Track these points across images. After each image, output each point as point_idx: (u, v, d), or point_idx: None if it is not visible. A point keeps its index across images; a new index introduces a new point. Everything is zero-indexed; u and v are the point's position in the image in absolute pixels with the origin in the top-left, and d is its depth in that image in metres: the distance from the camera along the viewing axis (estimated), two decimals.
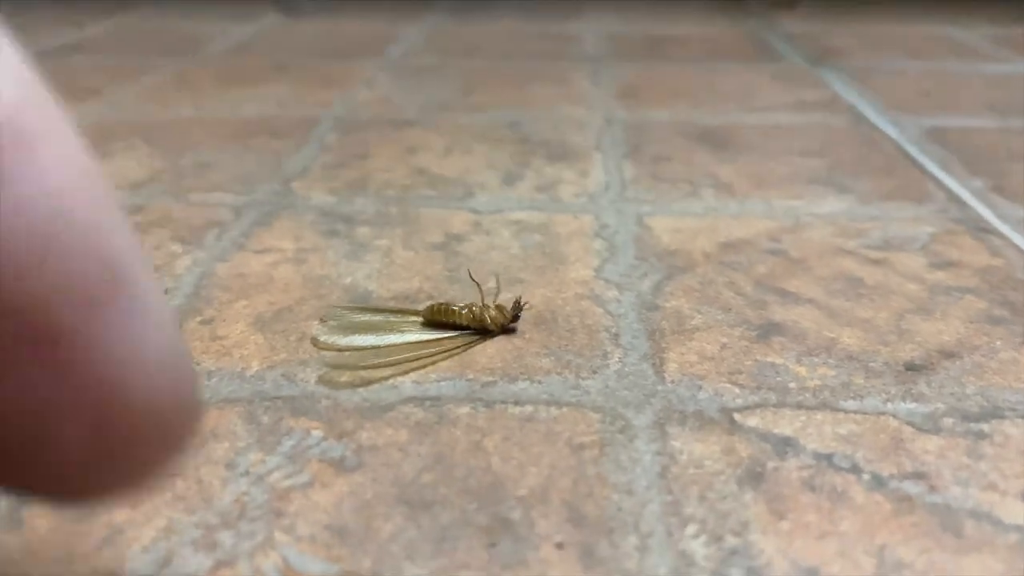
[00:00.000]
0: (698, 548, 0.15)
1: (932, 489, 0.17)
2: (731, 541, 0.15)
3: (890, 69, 0.50)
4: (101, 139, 0.38)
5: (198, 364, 0.21)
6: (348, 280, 0.25)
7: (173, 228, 0.28)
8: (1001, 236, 0.28)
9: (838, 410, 0.19)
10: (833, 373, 0.21)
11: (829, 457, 0.18)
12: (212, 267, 0.26)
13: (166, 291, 0.24)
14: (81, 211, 0.08)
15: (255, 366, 0.21)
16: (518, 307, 0.22)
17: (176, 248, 0.27)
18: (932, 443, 0.18)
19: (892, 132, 0.38)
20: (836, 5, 0.71)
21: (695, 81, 0.48)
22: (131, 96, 0.45)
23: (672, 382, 0.20)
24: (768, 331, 0.22)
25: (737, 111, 0.42)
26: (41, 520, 0.16)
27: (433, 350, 0.21)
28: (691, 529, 0.16)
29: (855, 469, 0.17)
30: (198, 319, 0.23)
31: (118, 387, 0.09)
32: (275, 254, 0.27)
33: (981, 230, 0.28)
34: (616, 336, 0.22)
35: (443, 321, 0.22)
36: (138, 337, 0.09)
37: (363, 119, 0.40)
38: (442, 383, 0.20)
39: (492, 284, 0.24)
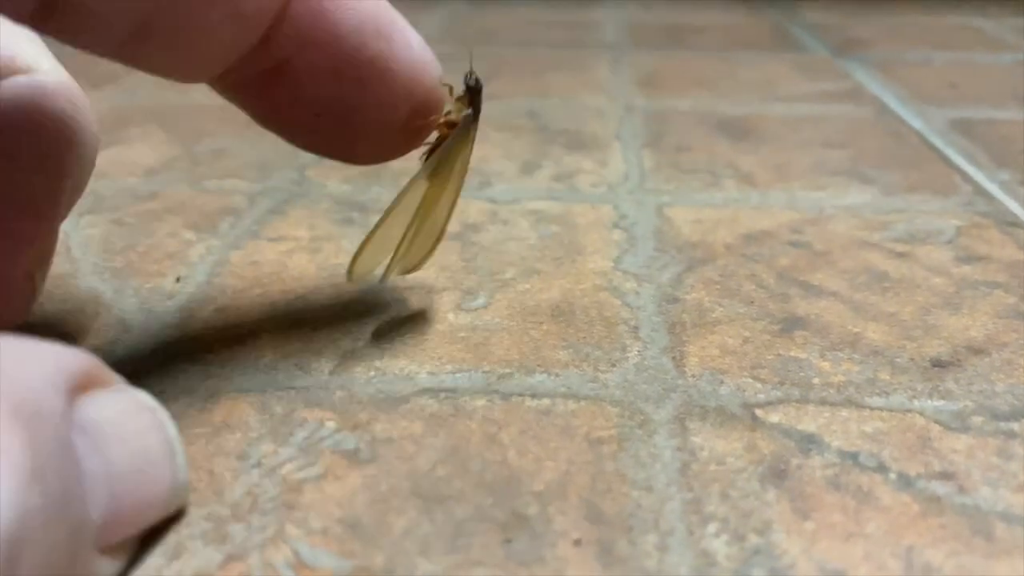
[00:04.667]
0: (720, 547, 0.15)
1: (961, 490, 0.16)
2: (754, 540, 0.15)
3: (915, 60, 0.49)
4: (117, 125, 0.38)
5: (212, 352, 0.21)
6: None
7: (187, 215, 0.28)
8: None
9: (863, 407, 0.19)
10: (858, 369, 0.20)
11: (854, 455, 0.17)
12: (226, 255, 0.25)
13: (179, 279, 0.24)
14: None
15: (269, 356, 0.21)
16: (473, 85, 0.21)
17: (190, 236, 0.27)
18: (960, 442, 0.18)
19: (917, 124, 0.38)
20: None
21: (716, 70, 0.47)
22: (148, 82, 0.44)
23: (693, 376, 0.20)
24: (791, 325, 0.22)
25: (759, 101, 0.41)
26: None
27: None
28: (712, 527, 0.15)
29: (881, 468, 0.17)
30: (212, 307, 0.23)
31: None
32: (289, 242, 0.26)
33: (1009, 224, 0.28)
34: (635, 329, 0.22)
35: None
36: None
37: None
38: (458, 375, 0.20)
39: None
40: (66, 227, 0.27)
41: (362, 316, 0.22)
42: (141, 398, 0.15)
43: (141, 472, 0.14)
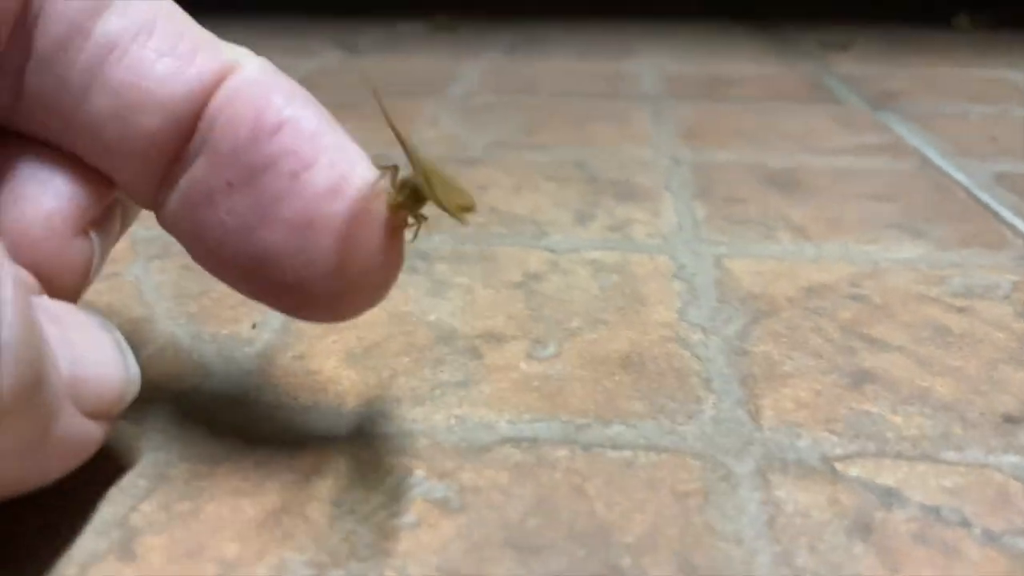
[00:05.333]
0: None
1: None
2: None
3: (952, 113, 0.50)
4: None
5: (295, 399, 0.21)
6: (432, 317, 0.25)
7: None
8: None
9: (939, 461, 0.19)
10: (930, 423, 0.21)
11: (936, 510, 0.17)
12: None
13: (255, 325, 0.25)
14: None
15: (351, 403, 0.21)
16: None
17: None
18: None
19: (962, 177, 0.38)
20: (889, 48, 0.71)
21: (756, 122, 0.48)
22: None
23: (769, 429, 0.20)
24: (860, 378, 0.22)
25: (802, 153, 0.42)
26: (155, 554, 0.16)
27: None
28: None
29: (965, 523, 0.17)
30: (290, 354, 0.23)
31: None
32: None
33: None
34: (707, 381, 0.22)
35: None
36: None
37: (432, 157, 0.40)
38: (537, 424, 0.20)
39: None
40: (137, 272, 0.28)
41: (436, 363, 0.23)
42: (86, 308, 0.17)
43: (94, 348, 0.16)
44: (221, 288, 0.26)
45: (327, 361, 0.23)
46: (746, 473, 0.19)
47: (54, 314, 0.16)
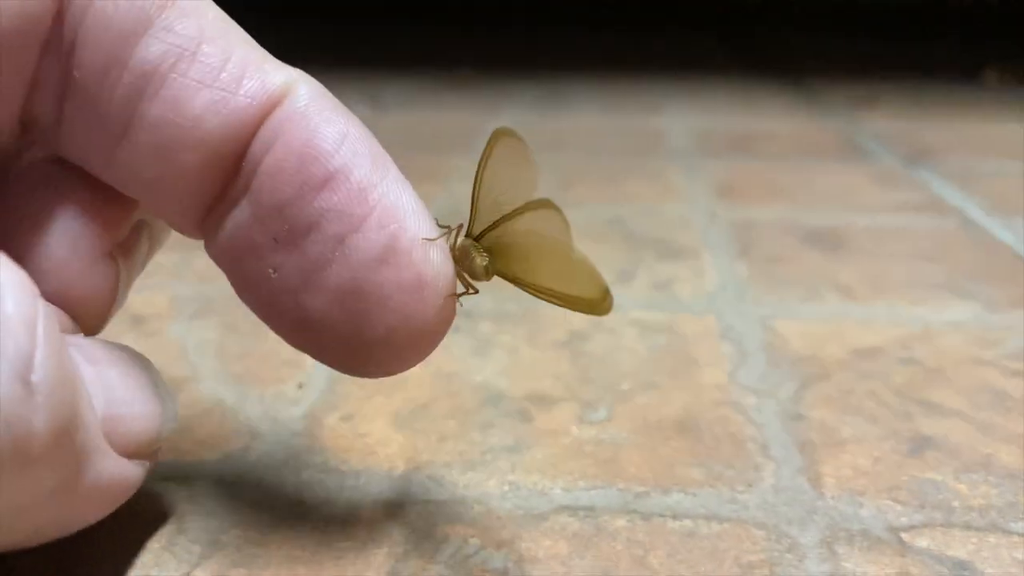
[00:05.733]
0: None
1: None
2: None
3: (989, 170, 0.49)
4: None
5: (344, 463, 0.21)
6: (479, 378, 0.25)
7: None
8: None
9: (1010, 532, 0.19)
10: (996, 492, 0.20)
11: None
12: None
13: (301, 386, 0.24)
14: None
15: (401, 467, 0.21)
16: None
17: None
18: None
19: (1006, 236, 0.38)
20: (918, 103, 0.71)
21: (791, 179, 0.48)
22: None
23: (832, 498, 0.20)
24: (920, 445, 0.22)
25: (841, 211, 0.41)
26: None
27: None
28: None
29: None
30: (337, 415, 0.23)
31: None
32: None
33: None
34: (765, 447, 0.22)
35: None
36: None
37: (466, 213, 0.40)
38: (593, 492, 0.20)
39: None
40: (180, 331, 0.28)
41: (485, 426, 0.23)
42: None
43: (130, 386, 0.16)
44: (265, 347, 0.26)
45: (374, 423, 0.23)
46: (811, 544, 0.18)
47: (89, 352, 0.15)
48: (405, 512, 0.19)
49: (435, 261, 0.16)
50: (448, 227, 0.16)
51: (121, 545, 0.17)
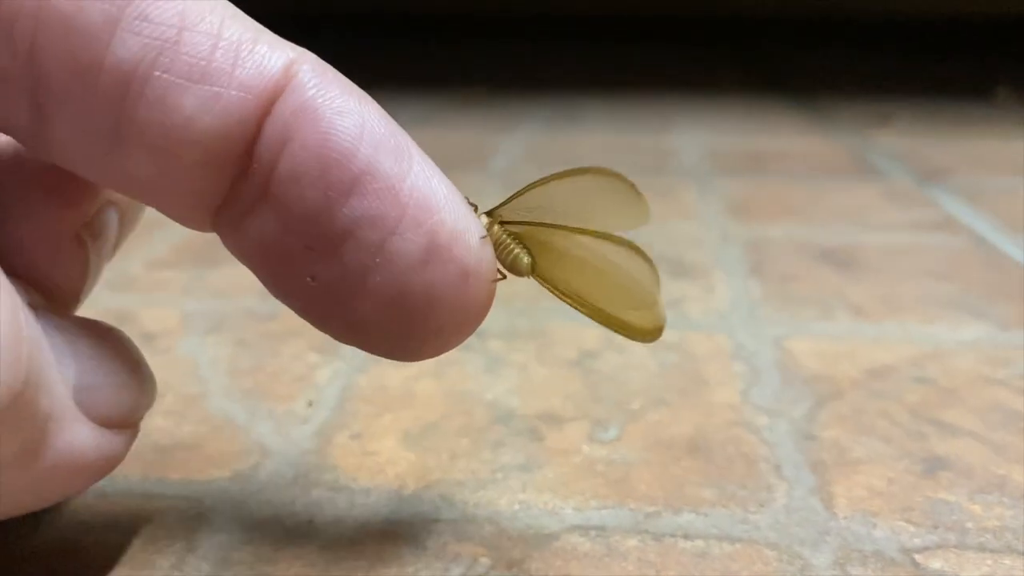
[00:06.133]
0: None
1: None
2: None
3: (1001, 188, 0.49)
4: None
5: (354, 481, 0.21)
6: (489, 396, 0.25)
7: (309, 337, 0.29)
8: None
9: None
10: (1011, 513, 0.20)
11: None
12: (353, 379, 0.26)
13: (311, 403, 0.24)
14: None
15: (411, 485, 0.21)
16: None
17: (315, 358, 0.27)
18: None
19: (1018, 255, 0.37)
20: (930, 122, 0.71)
21: (803, 197, 0.48)
22: None
23: (844, 518, 0.19)
24: (933, 465, 0.22)
25: (853, 230, 0.41)
26: None
27: None
28: None
29: None
30: (347, 434, 0.23)
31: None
32: (413, 367, 0.27)
33: None
34: (777, 467, 0.21)
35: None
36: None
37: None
38: (604, 511, 0.20)
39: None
40: (191, 348, 0.28)
41: (496, 445, 0.22)
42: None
43: (104, 355, 0.15)
44: (276, 364, 0.26)
45: (384, 441, 0.23)
46: (824, 564, 0.18)
47: (58, 323, 0.15)
48: (415, 531, 0.19)
49: (476, 249, 0.15)
50: (474, 205, 0.16)
51: (130, 564, 0.17)
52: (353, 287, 0.15)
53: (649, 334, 0.16)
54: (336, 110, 0.14)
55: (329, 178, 0.14)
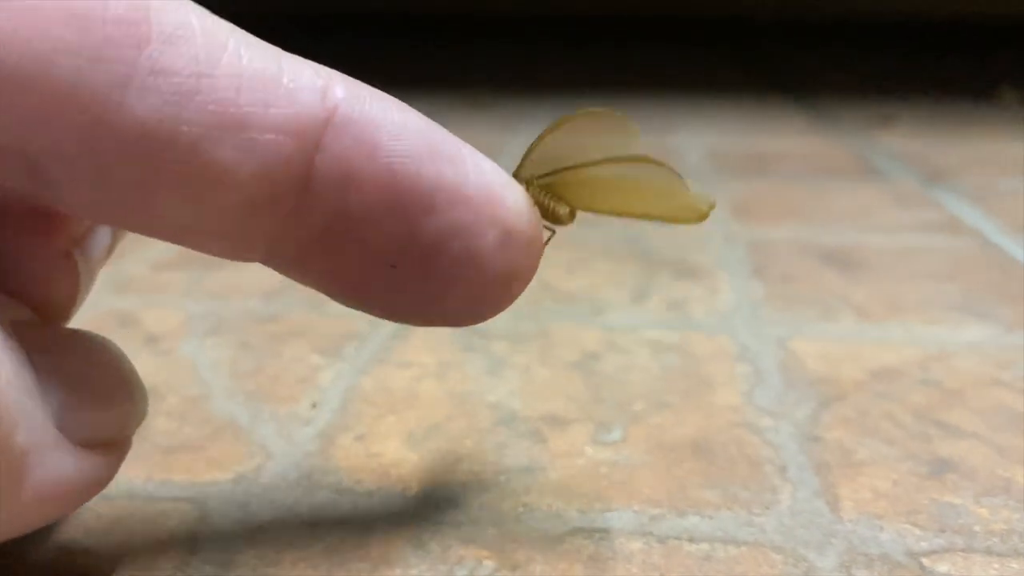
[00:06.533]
0: None
1: None
2: None
3: (1006, 190, 0.49)
4: None
5: (358, 483, 0.21)
6: (492, 398, 0.25)
7: (311, 339, 0.29)
8: None
9: None
10: (1017, 516, 0.20)
11: None
12: (356, 381, 0.26)
13: (314, 405, 0.24)
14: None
15: (415, 487, 0.21)
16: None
17: (317, 360, 0.27)
18: None
19: (1022, 256, 0.37)
20: (934, 122, 0.71)
21: (807, 198, 0.48)
22: None
23: (850, 521, 0.19)
24: (938, 467, 0.22)
25: (857, 231, 0.41)
26: None
27: None
28: None
29: None
30: (351, 435, 0.23)
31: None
32: (416, 368, 0.27)
33: None
34: (782, 469, 0.21)
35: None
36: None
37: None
38: (608, 514, 0.20)
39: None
40: (192, 348, 0.28)
41: (500, 447, 0.22)
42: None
43: (91, 373, 0.15)
44: (278, 365, 0.26)
45: (388, 443, 0.23)
46: (830, 568, 0.18)
47: (46, 344, 0.14)
48: (419, 533, 0.19)
49: (532, 218, 0.16)
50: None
51: (133, 566, 0.17)
52: (441, 294, 0.15)
53: (700, 214, 0.17)
54: (391, 134, 0.14)
55: (405, 203, 0.14)
